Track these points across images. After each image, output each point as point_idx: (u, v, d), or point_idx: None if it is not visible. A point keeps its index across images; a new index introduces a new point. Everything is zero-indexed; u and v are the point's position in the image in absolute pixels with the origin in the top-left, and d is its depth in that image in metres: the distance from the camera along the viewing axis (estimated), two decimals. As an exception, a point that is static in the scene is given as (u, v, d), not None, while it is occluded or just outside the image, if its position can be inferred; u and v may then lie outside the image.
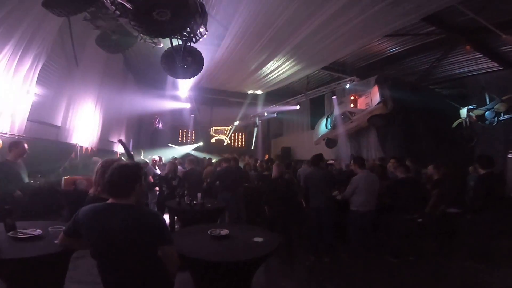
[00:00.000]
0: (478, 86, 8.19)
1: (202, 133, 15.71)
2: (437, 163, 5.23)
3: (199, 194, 4.37)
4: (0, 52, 4.47)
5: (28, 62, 4.92)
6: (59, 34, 5.75)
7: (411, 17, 5.19)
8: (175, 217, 5.09)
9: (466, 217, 4.47)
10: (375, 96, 8.95)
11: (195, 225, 3.06)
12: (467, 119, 7.93)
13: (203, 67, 4.22)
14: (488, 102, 7.51)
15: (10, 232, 2.17)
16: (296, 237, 4.60)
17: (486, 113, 7.54)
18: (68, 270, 2.28)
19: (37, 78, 5.45)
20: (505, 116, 7.19)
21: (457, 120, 8.14)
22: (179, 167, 6.20)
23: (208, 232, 2.62)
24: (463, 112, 8.02)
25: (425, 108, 9.08)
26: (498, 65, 8.12)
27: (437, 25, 6.62)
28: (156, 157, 7.42)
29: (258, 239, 2.53)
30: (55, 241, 1.91)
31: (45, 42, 5.06)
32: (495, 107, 7.30)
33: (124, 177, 1.67)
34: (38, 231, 2.23)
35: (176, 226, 5.15)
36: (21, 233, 2.18)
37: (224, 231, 2.64)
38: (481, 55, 7.79)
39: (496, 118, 7.34)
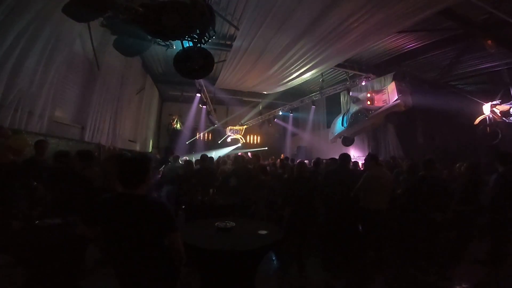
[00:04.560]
0: (502, 81, 7.83)
1: (219, 132, 15.95)
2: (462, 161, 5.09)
3: (211, 191, 4.52)
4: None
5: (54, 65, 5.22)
6: (81, 39, 6.09)
7: (427, 12, 5.04)
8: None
9: (484, 216, 4.30)
10: (393, 93, 8.71)
11: (203, 219, 3.17)
12: (491, 115, 7.62)
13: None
14: (513, 97, 7.20)
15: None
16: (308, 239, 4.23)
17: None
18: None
19: (64, 81, 5.82)
20: (532, 111, 6.86)
21: (480, 117, 7.83)
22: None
23: (215, 224, 2.74)
24: (486, 108, 7.70)
25: (445, 104, 8.77)
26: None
27: (454, 20, 6.36)
28: None
29: (262, 232, 2.62)
30: (74, 230, 2.08)
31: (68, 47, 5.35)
32: (521, 102, 6.99)
33: (135, 168, 1.77)
34: (58, 220, 2.43)
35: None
36: (44, 222, 2.39)
37: (230, 224, 2.75)
38: (505, 50, 7.41)
39: (522, 114, 7.02)
